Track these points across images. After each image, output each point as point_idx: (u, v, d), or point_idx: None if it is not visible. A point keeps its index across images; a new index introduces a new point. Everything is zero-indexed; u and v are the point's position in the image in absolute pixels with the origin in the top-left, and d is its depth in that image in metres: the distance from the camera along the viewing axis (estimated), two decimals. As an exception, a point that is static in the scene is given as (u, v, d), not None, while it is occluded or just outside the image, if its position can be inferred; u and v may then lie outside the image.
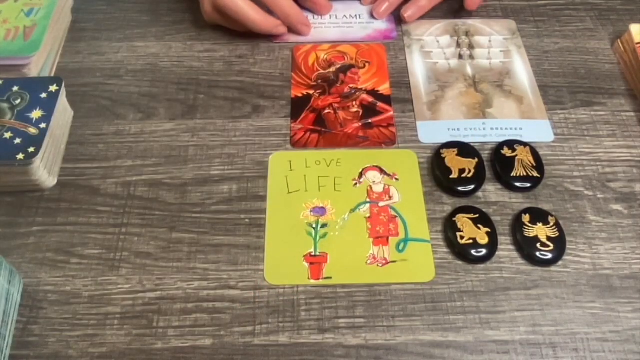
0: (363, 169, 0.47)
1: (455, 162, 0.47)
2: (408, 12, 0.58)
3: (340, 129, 0.50)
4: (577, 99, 0.52)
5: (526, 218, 0.44)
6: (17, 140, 0.44)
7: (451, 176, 0.46)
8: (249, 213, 0.45)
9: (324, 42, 0.57)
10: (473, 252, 0.42)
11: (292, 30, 0.57)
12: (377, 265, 0.42)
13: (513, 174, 0.46)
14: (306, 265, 0.43)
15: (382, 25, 0.58)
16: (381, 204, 0.46)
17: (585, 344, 0.39)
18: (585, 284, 0.42)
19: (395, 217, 0.45)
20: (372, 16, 0.59)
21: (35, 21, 0.53)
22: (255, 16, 0.54)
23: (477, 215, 0.44)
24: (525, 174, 0.46)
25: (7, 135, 0.44)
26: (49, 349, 0.39)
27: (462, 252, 0.43)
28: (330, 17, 0.60)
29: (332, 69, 0.55)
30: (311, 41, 0.57)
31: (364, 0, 0.60)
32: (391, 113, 0.51)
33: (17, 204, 0.46)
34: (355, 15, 0.60)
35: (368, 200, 0.46)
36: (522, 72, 0.54)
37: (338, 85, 0.54)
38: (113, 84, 0.54)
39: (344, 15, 0.59)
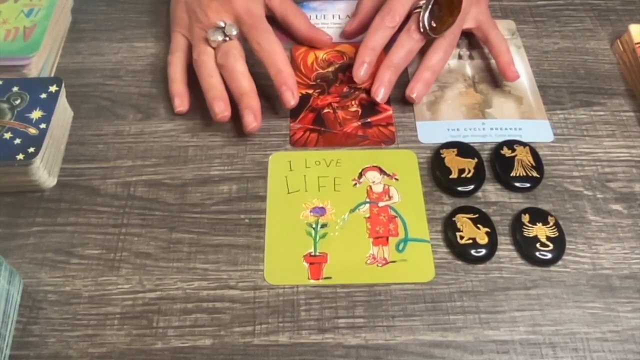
0: (363, 169, 0.47)
1: (455, 162, 0.47)
2: (414, 92, 0.50)
3: (340, 129, 0.50)
4: (576, 99, 0.52)
5: (526, 218, 0.44)
6: (17, 141, 0.44)
7: (451, 176, 0.46)
8: (248, 213, 0.45)
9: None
10: (473, 252, 0.42)
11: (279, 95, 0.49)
12: (377, 265, 0.42)
13: (513, 174, 0.46)
14: (306, 265, 0.43)
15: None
16: (381, 204, 0.46)
17: (584, 343, 0.39)
18: (585, 283, 0.42)
19: (395, 217, 0.45)
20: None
21: (35, 21, 0.53)
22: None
23: (477, 215, 0.44)
24: (524, 174, 0.46)
25: (7, 135, 0.44)
26: (49, 349, 0.39)
27: (461, 252, 0.43)
28: (333, 17, 0.59)
29: (331, 69, 0.55)
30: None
31: (357, 78, 0.51)
32: (390, 112, 0.51)
33: (17, 204, 0.46)
34: None
35: (368, 200, 0.46)
36: (522, 72, 0.54)
37: (337, 84, 0.54)
38: (113, 84, 0.54)
39: (347, 16, 0.59)
